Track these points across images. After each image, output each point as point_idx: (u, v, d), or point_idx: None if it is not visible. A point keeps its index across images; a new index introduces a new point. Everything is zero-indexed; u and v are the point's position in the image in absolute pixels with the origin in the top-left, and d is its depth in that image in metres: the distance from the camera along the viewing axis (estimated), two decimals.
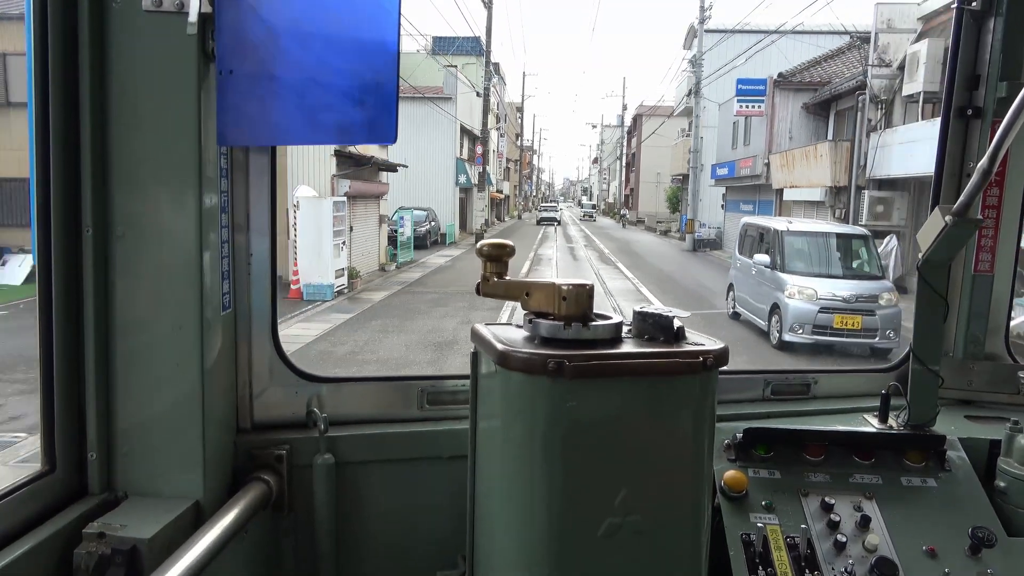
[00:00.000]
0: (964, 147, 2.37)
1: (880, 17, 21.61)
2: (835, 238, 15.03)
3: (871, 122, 21.73)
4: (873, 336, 12.75)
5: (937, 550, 1.80)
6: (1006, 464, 1.96)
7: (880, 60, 21.41)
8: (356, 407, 2.07)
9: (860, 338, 12.78)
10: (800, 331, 12.85)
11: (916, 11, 21.25)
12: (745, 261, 15.73)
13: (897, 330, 12.74)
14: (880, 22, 21.60)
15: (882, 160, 20.84)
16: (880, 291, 13.19)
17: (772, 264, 14.27)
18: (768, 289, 14.11)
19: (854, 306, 12.86)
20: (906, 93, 19.95)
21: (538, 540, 1.52)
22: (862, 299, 12.99)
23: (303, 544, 1.99)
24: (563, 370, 1.43)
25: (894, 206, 20.73)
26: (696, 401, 1.57)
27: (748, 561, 1.77)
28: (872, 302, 12.95)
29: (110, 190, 1.58)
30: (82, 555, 1.47)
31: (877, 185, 21.32)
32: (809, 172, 24.73)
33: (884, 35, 21.46)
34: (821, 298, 12.94)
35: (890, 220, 20.58)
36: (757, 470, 1.96)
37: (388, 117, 1.57)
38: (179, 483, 1.66)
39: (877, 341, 12.75)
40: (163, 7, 1.50)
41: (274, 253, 1.94)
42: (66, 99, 1.51)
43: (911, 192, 20.65)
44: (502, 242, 1.69)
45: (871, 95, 21.61)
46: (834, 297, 12.97)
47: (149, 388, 1.64)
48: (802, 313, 12.89)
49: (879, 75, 21.36)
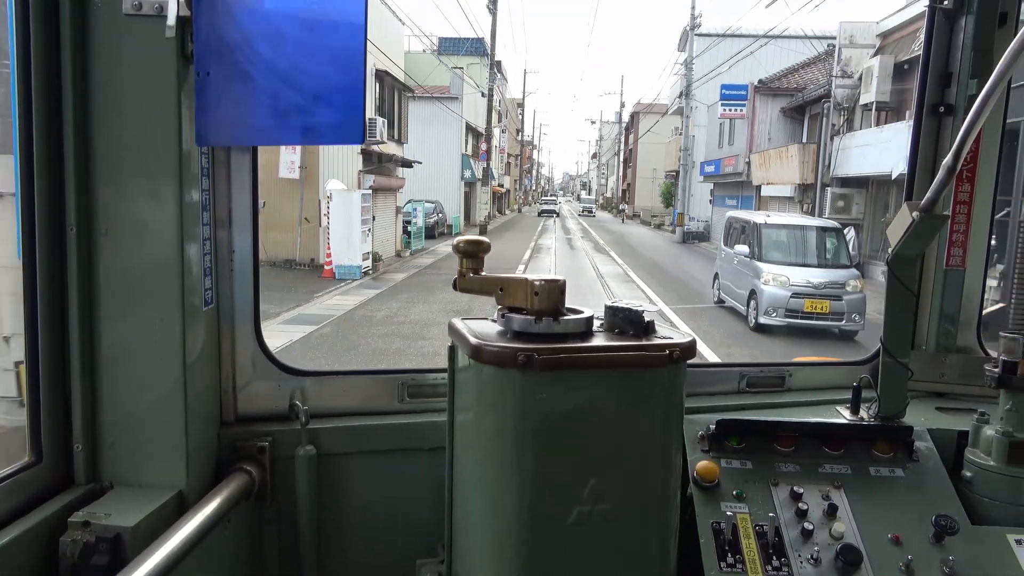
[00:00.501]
0: (937, 144, 2.39)
1: (843, 33, 24.36)
2: (808, 230, 16.25)
3: (835, 127, 24.47)
4: (840, 319, 14.02)
5: (902, 538, 1.82)
6: (972, 455, 1.97)
7: (843, 72, 24.14)
8: (338, 400, 2.10)
9: (828, 321, 14.05)
10: (774, 314, 14.08)
11: (875, 28, 24.00)
12: (729, 252, 16.89)
13: (862, 314, 13.98)
14: (843, 38, 24.34)
15: (843, 161, 23.60)
16: (847, 278, 14.48)
17: (751, 254, 15.51)
18: (748, 277, 15.27)
19: (823, 292, 14.03)
20: (863, 102, 22.71)
21: (510, 528, 1.55)
22: (831, 286, 14.19)
23: (285, 534, 2.03)
24: (533, 363, 1.47)
25: (853, 201, 23.46)
26: (664, 393, 1.60)
27: (718, 548, 1.79)
28: (840, 288, 14.16)
29: (93, 189, 1.60)
30: (67, 543, 1.50)
31: (839, 183, 24.06)
32: (782, 171, 27.51)
33: (847, 49, 24.20)
34: (794, 284, 14.13)
35: (850, 214, 23.26)
36: (729, 460, 1.98)
37: (355, 118, 1.60)
38: (163, 474, 1.69)
39: (844, 324, 14.04)
40: (143, 11, 1.53)
41: (256, 249, 1.95)
42: (49, 101, 1.54)
43: (868, 189, 23.38)
44: (478, 239, 1.72)
45: (835, 103, 24.34)
46: (805, 284, 14.16)
47: (134, 382, 1.66)
48: (776, 298, 14.10)
49: (842, 85, 24.09)
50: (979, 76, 2.25)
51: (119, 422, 1.67)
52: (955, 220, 2.39)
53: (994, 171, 2.40)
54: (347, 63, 1.58)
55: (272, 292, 16.27)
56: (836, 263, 15.33)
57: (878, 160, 20.88)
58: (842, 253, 15.70)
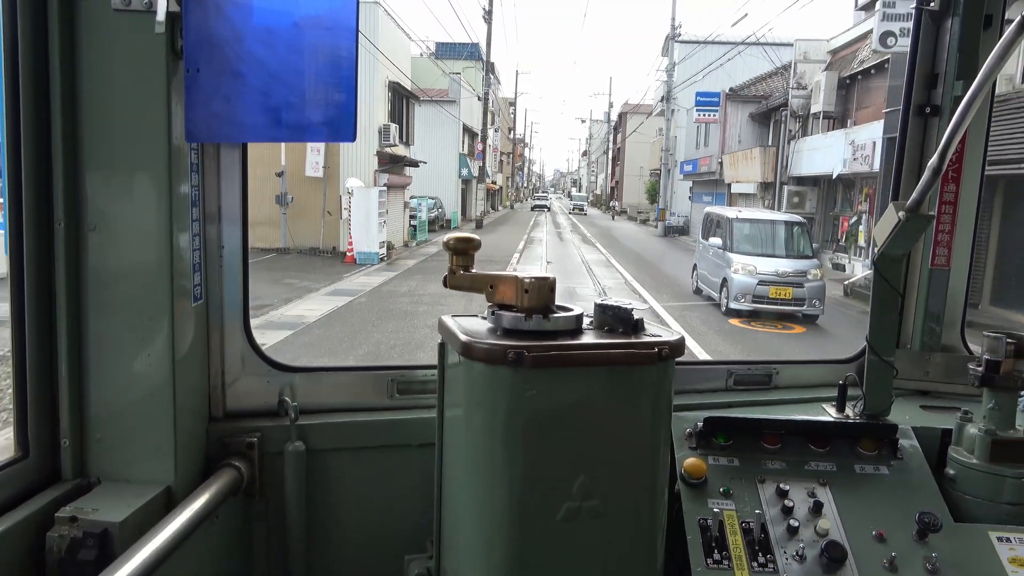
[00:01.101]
0: (923, 144, 2.40)
1: (799, 50, 27.77)
2: (776, 224, 17.53)
3: (791, 132, 27.84)
4: (802, 304, 15.17)
5: (885, 534, 1.83)
6: (956, 452, 1.98)
7: (798, 84, 27.50)
8: (327, 396, 2.10)
9: (791, 306, 15.21)
10: (743, 300, 15.22)
11: (826, 46, 27.42)
12: (705, 244, 18.14)
13: (821, 299, 15.24)
14: (799, 54, 27.73)
15: (797, 162, 26.98)
16: (809, 268, 15.70)
17: (724, 246, 16.66)
18: (721, 267, 16.43)
19: (787, 280, 15.22)
20: (813, 111, 26.09)
21: (499, 524, 1.56)
22: (794, 274, 15.38)
23: (274, 529, 2.03)
24: (523, 360, 1.47)
25: (806, 198, 26.81)
26: (653, 390, 1.61)
27: (704, 545, 1.80)
28: (802, 276, 15.37)
29: (81, 185, 1.59)
30: (54, 538, 1.49)
31: (795, 181, 27.43)
32: (747, 170, 30.90)
33: (801, 64, 27.58)
34: (760, 273, 15.29)
35: (804, 208, 26.45)
36: (717, 458, 1.99)
37: (347, 116, 1.60)
38: (151, 469, 1.68)
39: (805, 308, 15.20)
40: (132, 6, 1.52)
41: (246, 245, 1.94)
42: (36, 96, 1.52)
43: (820, 187, 26.74)
44: (468, 236, 1.72)
45: (791, 111, 27.71)
46: (771, 272, 15.31)
47: (121, 377, 1.66)
48: (744, 285, 15.25)
49: (797, 95, 27.46)
50: (964, 77, 2.26)
51: (107, 417, 1.67)
52: (940, 220, 2.40)
53: (979, 171, 2.42)
54: (339, 61, 1.58)
55: (307, 273, 19.43)
56: (799, 254, 16.51)
57: (823, 162, 24.27)
58: (805, 245, 16.93)
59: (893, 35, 17.17)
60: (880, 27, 17.38)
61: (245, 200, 1.93)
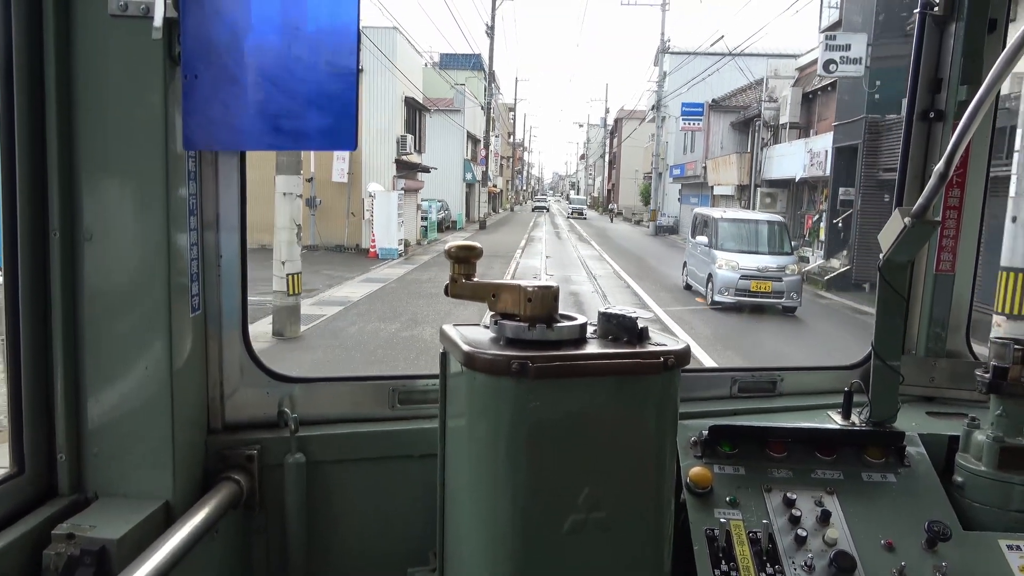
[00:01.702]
0: (927, 149, 2.39)
1: (769, 67, 31.10)
2: (758, 223, 18.68)
3: (764, 140, 31.12)
4: (780, 297, 16.29)
5: (895, 544, 1.81)
6: (963, 459, 1.96)
7: (769, 97, 30.80)
8: (328, 407, 2.08)
9: (771, 299, 16.31)
10: (726, 293, 16.27)
11: (795, 63, 30.74)
12: (694, 242, 19.23)
13: (799, 293, 16.42)
14: (770, 70, 31.06)
15: (768, 167, 30.27)
16: (787, 263, 16.80)
17: (709, 244, 17.70)
18: (707, 263, 17.47)
19: (767, 274, 16.29)
20: (782, 122, 29.39)
21: (503, 536, 1.54)
22: (773, 269, 16.46)
23: (274, 543, 2.00)
24: (526, 371, 1.45)
25: (777, 199, 30.07)
26: (658, 400, 1.59)
27: (712, 556, 1.77)
28: (781, 271, 16.48)
29: (77, 193, 1.56)
30: (51, 556, 1.45)
31: (767, 184, 30.68)
32: (727, 174, 34.20)
33: (772, 80, 30.89)
34: (742, 268, 16.34)
35: (775, 208, 29.39)
36: (722, 466, 1.96)
37: (348, 124, 1.59)
38: (149, 484, 1.65)
39: (784, 300, 16.33)
40: (128, 12, 1.50)
41: (244, 253, 1.91)
42: (32, 104, 1.51)
43: (789, 189, 30.00)
44: (470, 244, 1.69)
45: (764, 121, 30.99)
46: (752, 268, 16.38)
47: (118, 389, 1.63)
48: (728, 280, 16.36)
49: (768, 107, 30.75)
50: (969, 82, 2.26)
51: (104, 431, 1.63)
52: (945, 225, 2.39)
53: (984, 176, 2.42)
54: (340, 69, 1.56)
55: (338, 266, 22.58)
56: (778, 251, 17.58)
57: (789, 167, 27.55)
58: (784, 242, 18.07)
59: (835, 62, 20.42)
60: (824, 55, 20.67)
61: (243, 208, 1.90)
